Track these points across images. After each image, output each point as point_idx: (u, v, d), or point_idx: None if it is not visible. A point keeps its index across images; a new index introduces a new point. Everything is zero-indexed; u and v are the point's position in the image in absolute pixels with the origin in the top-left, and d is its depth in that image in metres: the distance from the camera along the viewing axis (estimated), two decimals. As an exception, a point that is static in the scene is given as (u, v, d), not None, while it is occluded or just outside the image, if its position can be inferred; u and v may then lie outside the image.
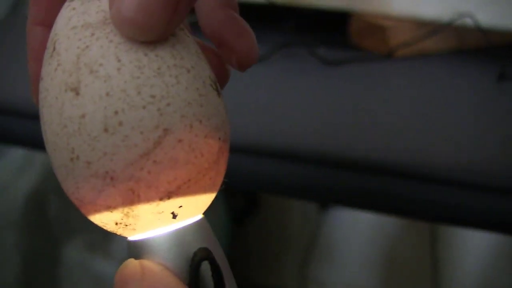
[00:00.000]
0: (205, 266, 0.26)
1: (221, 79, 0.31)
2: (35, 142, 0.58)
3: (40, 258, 0.92)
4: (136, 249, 0.26)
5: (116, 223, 0.26)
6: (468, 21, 0.61)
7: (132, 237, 0.27)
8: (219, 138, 0.26)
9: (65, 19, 0.26)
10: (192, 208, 0.26)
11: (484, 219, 0.47)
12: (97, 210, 0.25)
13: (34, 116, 0.56)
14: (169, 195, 0.25)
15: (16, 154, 0.91)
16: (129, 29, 0.24)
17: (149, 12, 0.23)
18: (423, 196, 0.47)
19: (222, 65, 0.31)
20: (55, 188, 0.91)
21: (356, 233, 1.13)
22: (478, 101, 0.57)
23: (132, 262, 0.26)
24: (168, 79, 0.24)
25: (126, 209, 0.25)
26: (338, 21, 0.68)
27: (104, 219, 0.26)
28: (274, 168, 0.49)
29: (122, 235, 0.27)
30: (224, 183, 0.28)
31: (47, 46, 0.26)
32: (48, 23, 0.29)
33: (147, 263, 0.25)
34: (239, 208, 1.16)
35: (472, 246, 1.03)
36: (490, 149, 0.49)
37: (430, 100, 0.57)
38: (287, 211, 1.20)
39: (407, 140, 0.50)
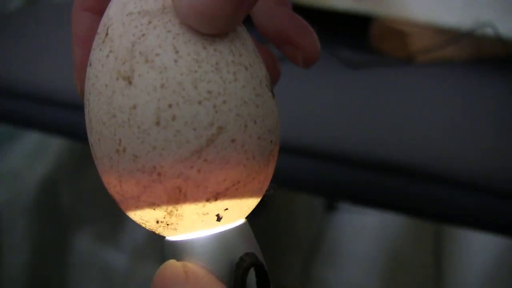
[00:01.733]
0: (250, 272, 0.24)
1: (273, 77, 0.30)
2: (51, 127, 0.58)
3: (49, 246, 0.91)
4: (175, 250, 0.25)
5: (158, 222, 0.24)
6: (489, 31, 0.61)
7: (171, 237, 0.25)
8: (271, 141, 0.24)
9: (120, 4, 0.24)
10: (237, 212, 0.24)
11: (490, 221, 0.46)
12: (139, 206, 0.24)
13: (50, 102, 0.56)
14: (216, 196, 0.23)
15: (30, 140, 0.91)
16: (194, 19, 0.22)
17: (216, 2, 0.22)
18: (431, 196, 0.47)
19: (275, 64, 0.30)
20: (67, 177, 0.91)
21: (361, 234, 1.12)
22: (495, 109, 0.57)
23: (174, 264, 0.24)
24: (226, 75, 0.23)
25: (170, 208, 0.23)
26: (360, 24, 0.68)
27: (145, 216, 0.24)
28: (289, 164, 0.49)
29: (161, 234, 0.25)
30: (271, 187, 0.26)
31: (98, 31, 0.24)
32: (96, 10, 0.28)
33: (190, 265, 0.24)
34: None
35: (476, 248, 1.03)
36: (502, 155, 0.49)
37: (446, 107, 0.56)
38: (292, 211, 1.19)
39: (420, 141, 0.50)
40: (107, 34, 0.24)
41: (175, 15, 0.23)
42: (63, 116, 0.56)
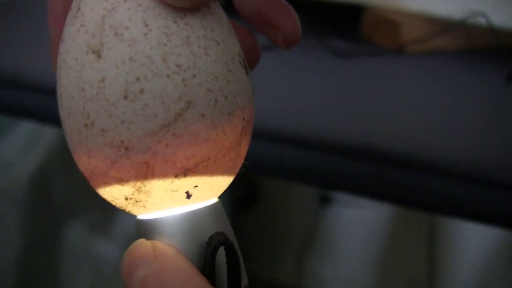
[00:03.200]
0: (219, 252, 0.24)
1: (253, 59, 0.29)
2: (44, 116, 0.58)
3: (41, 237, 0.91)
4: (145, 229, 0.24)
5: (126, 198, 0.24)
6: (481, 21, 0.61)
7: (142, 215, 0.25)
8: (243, 118, 0.24)
9: None
10: (208, 190, 0.24)
11: (484, 212, 0.46)
12: (108, 182, 0.23)
13: (44, 90, 0.56)
14: (185, 172, 0.23)
15: (23, 131, 0.91)
16: None
17: None
18: (424, 186, 0.47)
19: (255, 45, 0.30)
20: (59, 167, 0.91)
21: (354, 227, 1.12)
22: (485, 100, 0.56)
23: (143, 243, 0.24)
24: (196, 49, 0.23)
25: (138, 184, 0.23)
26: (351, 14, 0.68)
27: (114, 193, 0.24)
28: (278, 152, 0.49)
29: (131, 212, 0.25)
30: (244, 165, 0.26)
31: (71, 7, 0.24)
32: None
33: (159, 244, 0.23)
34: (239, 199, 1.16)
35: (469, 241, 1.03)
36: (493, 145, 0.49)
37: (437, 97, 0.56)
38: (287, 204, 1.19)
39: (411, 132, 0.50)
40: (79, 9, 0.24)
41: None
42: (56, 105, 0.56)
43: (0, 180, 0.89)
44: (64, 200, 0.92)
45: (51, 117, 0.58)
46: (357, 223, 1.12)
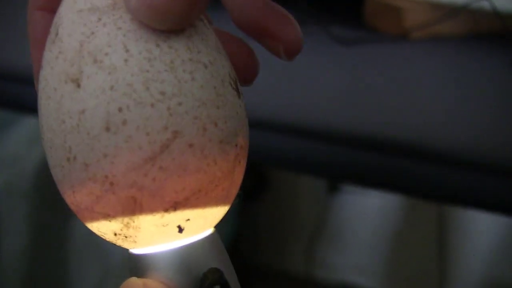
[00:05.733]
0: None
1: (250, 72, 0.28)
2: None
3: (49, 230, 0.91)
4: (138, 264, 0.23)
5: (115, 234, 0.22)
6: (485, 5, 0.60)
7: (135, 250, 0.23)
8: (236, 145, 0.22)
9: (70, 1, 0.22)
10: (201, 222, 0.23)
11: (492, 200, 0.46)
12: (94, 218, 0.22)
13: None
14: (175, 206, 0.21)
15: (30, 124, 0.91)
16: (145, 14, 0.20)
17: None
18: (432, 176, 0.46)
19: (251, 56, 0.28)
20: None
21: (364, 216, 1.12)
22: (491, 85, 0.56)
23: (135, 282, 0.22)
24: (182, 74, 0.21)
25: (126, 219, 0.22)
26: (354, 0, 0.68)
27: (102, 228, 0.22)
28: (283, 143, 0.49)
29: (122, 246, 0.23)
30: (238, 195, 0.24)
31: (50, 31, 0.23)
32: (49, 8, 0.25)
33: (151, 283, 0.22)
34: (248, 189, 1.16)
35: (479, 229, 1.02)
36: (500, 132, 0.49)
37: (442, 83, 0.56)
38: (296, 193, 1.19)
39: (417, 120, 0.49)
40: (57, 34, 0.22)
41: (126, 11, 0.21)
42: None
43: (7, 173, 0.89)
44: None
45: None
46: (366, 211, 1.12)
